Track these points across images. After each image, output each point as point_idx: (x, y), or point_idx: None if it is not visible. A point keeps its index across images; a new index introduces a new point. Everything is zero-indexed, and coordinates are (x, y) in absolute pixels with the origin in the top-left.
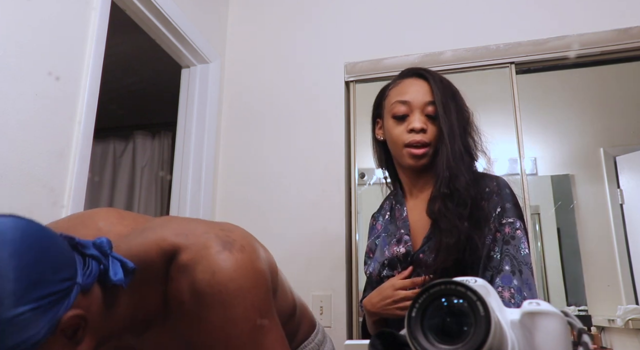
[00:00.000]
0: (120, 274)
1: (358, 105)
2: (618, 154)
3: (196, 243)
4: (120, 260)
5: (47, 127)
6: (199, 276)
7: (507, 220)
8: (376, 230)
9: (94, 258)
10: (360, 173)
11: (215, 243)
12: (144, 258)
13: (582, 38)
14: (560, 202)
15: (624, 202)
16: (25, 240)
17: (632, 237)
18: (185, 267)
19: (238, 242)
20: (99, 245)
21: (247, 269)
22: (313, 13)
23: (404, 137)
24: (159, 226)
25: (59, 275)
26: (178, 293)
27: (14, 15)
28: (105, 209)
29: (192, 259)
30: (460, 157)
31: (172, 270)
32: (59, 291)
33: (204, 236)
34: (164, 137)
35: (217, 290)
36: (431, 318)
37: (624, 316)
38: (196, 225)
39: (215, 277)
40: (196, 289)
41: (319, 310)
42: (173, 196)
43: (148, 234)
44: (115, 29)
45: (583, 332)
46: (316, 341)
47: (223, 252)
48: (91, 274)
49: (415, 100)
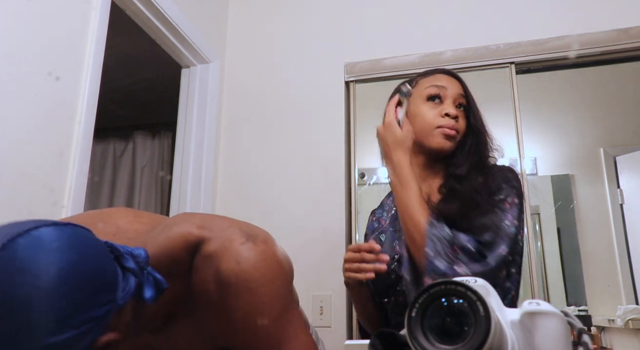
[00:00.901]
0: (151, 293)
1: (358, 105)
2: (618, 154)
3: (220, 235)
4: (155, 277)
5: (47, 127)
6: (223, 266)
7: (499, 197)
8: (380, 225)
9: (132, 273)
10: (360, 173)
11: (239, 235)
12: (171, 252)
13: (582, 38)
14: (560, 202)
15: (624, 202)
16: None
17: (632, 237)
18: (209, 257)
19: (261, 236)
20: (137, 257)
21: (270, 260)
22: (313, 13)
23: (437, 120)
24: (182, 221)
25: (102, 298)
26: (203, 283)
27: (14, 15)
28: (121, 208)
29: (217, 250)
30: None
31: (197, 261)
32: (100, 316)
33: (228, 230)
34: (164, 137)
35: (242, 279)
36: (431, 318)
37: (624, 316)
38: (220, 220)
39: (240, 266)
40: (221, 278)
41: (319, 310)
42: (173, 196)
43: (173, 228)
44: (115, 29)
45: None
46: None
47: (247, 243)
48: (128, 292)
49: (450, 90)
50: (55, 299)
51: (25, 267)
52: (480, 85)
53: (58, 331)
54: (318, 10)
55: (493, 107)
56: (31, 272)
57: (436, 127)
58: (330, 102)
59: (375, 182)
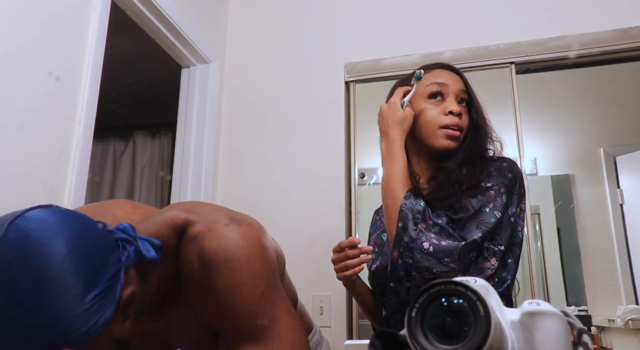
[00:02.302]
0: (152, 252)
1: (358, 105)
2: (618, 154)
3: (206, 218)
4: (146, 239)
5: (47, 127)
6: (206, 245)
7: (486, 185)
8: (382, 224)
9: (125, 241)
10: (360, 173)
11: (223, 218)
12: (160, 236)
13: (582, 38)
14: (560, 202)
15: (624, 202)
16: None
17: (632, 237)
18: (194, 238)
19: (246, 220)
20: (123, 229)
21: (253, 240)
22: (313, 13)
23: (440, 118)
24: (172, 207)
25: (112, 257)
26: (188, 264)
27: (14, 15)
28: (119, 200)
29: (201, 231)
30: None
31: (183, 243)
32: (115, 273)
33: (214, 213)
34: (164, 137)
35: (222, 257)
36: (431, 318)
37: (624, 316)
38: (208, 206)
39: (222, 245)
40: (204, 256)
41: (319, 310)
42: (173, 196)
43: (162, 215)
44: (115, 29)
45: (583, 332)
46: (314, 341)
47: (231, 225)
48: (129, 255)
49: (452, 86)
50: (77, 262)
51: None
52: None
53: (85, 293)
54: (318, 10)
55: (493, 107)
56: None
57: (440, 127)
58: (330, 102)
59: (375, 182)
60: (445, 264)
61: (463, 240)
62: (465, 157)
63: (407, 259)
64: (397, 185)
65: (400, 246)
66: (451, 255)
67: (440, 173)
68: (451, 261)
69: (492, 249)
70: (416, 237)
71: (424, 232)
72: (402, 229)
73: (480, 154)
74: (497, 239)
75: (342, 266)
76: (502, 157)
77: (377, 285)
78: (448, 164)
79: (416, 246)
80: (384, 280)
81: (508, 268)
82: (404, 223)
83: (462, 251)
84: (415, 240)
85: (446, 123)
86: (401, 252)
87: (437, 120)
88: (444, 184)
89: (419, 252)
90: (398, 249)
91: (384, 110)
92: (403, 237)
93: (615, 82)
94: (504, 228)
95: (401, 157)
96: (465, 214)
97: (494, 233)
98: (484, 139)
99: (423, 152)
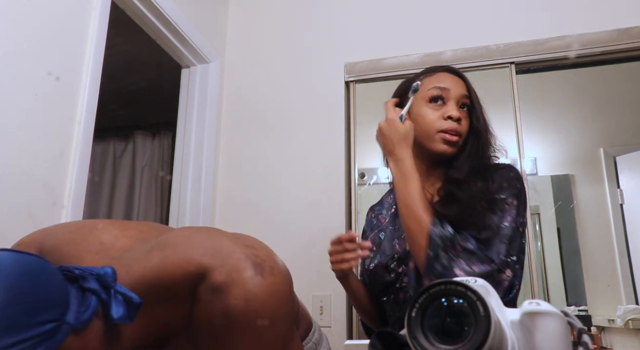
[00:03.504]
0: (122, 312)
1: (358, 105)
2: (618, 154)
3: (226, 264)
4: (123, 294)
5: (47, 127)
6: (232, 302)
7: (499, 197)
8: (380, 223)
9: (93, 293)
10: (360, 173)
11: (246, 265)
12: (165, 278)
13: (582, 38)
14: (560, 202)
15: (624, 202)
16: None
17: (632, 237)
18: (217, 290)
19: (267, 262)
20: (103, 276)
21: (279, 295)
22: (313, 13)
23: (438, 123)
24: (179, 243)
25: (39, 317)
26: (208, 316)
27: (14, 15)
28: (106, 221)
29: (224, 283)
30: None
31: (201, 292)
32: (39, 335)
33: (232, 256)
34: (164, 137)
35: (251, 317)
36: (431, 318)
37: (624, 316)
38: (220, 242)
39: (249, 304)
40: (230, 315)
41: (319, 310)
42: (173, 196)
43: (169, 253)
44: (115, 29)
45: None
46: (314, 340)
47: (255, 277)
48: (87, 310)
49: (453, 91)
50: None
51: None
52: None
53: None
54: (318, 10)
55: (493, 107)
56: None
57: (438, 131)
58: (330, 102)
59: (375, 182)
60: None
61: (490, 261)
62: (472, 166)
63: None
64: (418, 209)
65: (433, 275)
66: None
67: (452, 186)
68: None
69: (506, 261)
70: (449, 265)
71: (455, 259)
72: (434, 258)
73: (486, 162)
74: (511, 250)
75: (339, 258)
76: (507, 165)
77: (375, 284)
78: (455, 173)
79: (450, 275)
80: (381, 279)
81: (516, 274)
82: (435, 252)
83: (497, 274)
84: (449, 269)
85: (444, 128)
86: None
87: (436, 124)
88: (462, 200)
89: None
90: (429, 278)
91: (384, 128)
92: (435, 266)
93: (615, 82)
94: (515, 239)
95: (415, 176)
96: (490, 233)
97: (510, 247)
98: (486, 146)
99: (420, 156)
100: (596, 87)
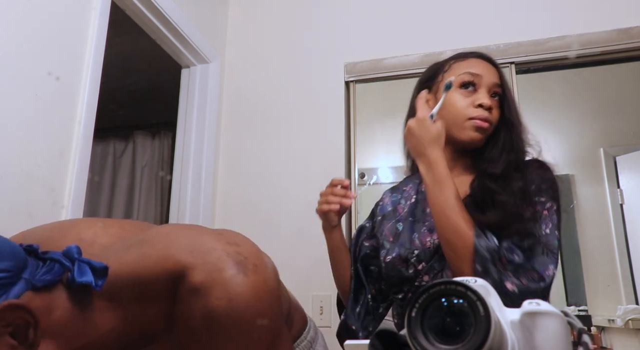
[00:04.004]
0: (88, 276)
1: (358, 105)
2: (618, 154)
3: (206, 263)
4: (88, 262)
5: (47, 127)
6: (214, 303)
7: (538, 199)
8: (397, 213)
9: (55, 261)
10: (360, 173)
11: (227, 264)
12: (143, 275)
13: (582, 38)
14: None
15: (624, 202)
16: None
17: (632, 237)
18: (197, 291)
19: (250, 260)
20: (67, 251)
21: (263, 294)
22: (313, 13)
23: (469, 110)
24: (158, 240)
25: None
26: (189, 318)
27: (14, 15)
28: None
29: (205, 282)
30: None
31: (182, 292)
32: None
33: (213, 254)
34: (164, 137)
35: (234, 318)
36: (431, 318)
37: (624, 316)
38: (201, 239)
39: (232, 304)
40: (212, 316)
41: (319, 310)
42: (173, 196)
43: (147, 250)
44: (115, 29)
45: (583, 332)
46: (308, 338)
47: (238, 276)
48: (49, 272)
49: (486, 78)
50: None
51: None
52: None
53: None
54: (318, 10)
55: None
56: None
57: (468, 119)
58: (330, 102)
59: (375, 182)
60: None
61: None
62: (508, 160)
63: None
64: (458, 219)
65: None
66: (537, 294)
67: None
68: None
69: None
70: (499, 279)
71: (503, 273)
72: (483, 273)
73: (521, 157)
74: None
75: (324, 200)
76: (542, 163)
77: (391, 279)
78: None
79: (501, 289)
80: (399, 274)
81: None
82: (484, 266)
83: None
84: (499, 283)
85: (474, 116)
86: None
87: (466, 111)
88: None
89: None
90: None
91: (414, 129)
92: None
93: (615, 82)
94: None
95: (449, 181)
96: (532, 241)
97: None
98: (519, 138)
99: (448, 145)
100: (596, 87)
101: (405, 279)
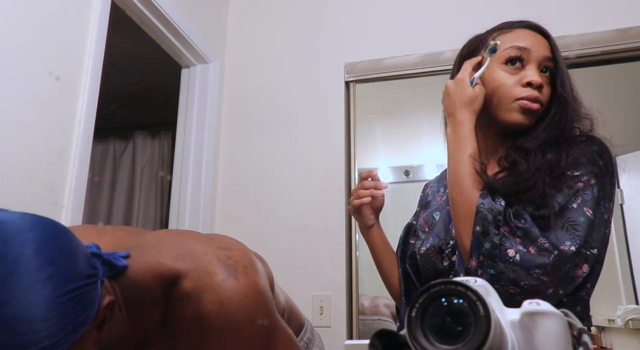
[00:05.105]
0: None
1: (358, 105)
2: (618, 154)
3: (197, 268)
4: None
5: (47, 127)
6: (207, 307)
7: (572, 172)
8: (436, 201)
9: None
10: (360, 173)
11: (218, 268)
12: (139, 280)
13: (582, 38)
14: None
15: (624, 202)
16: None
17: (632, 237)
18: (188, 296)
19: (240, 263)
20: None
21: (253, 294)
22: (313, 13)
23: (516, 90)
24: (152, 246)
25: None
26: (182, 321)
27: (14, 15)
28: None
29: (196, 288)
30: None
31: (174, 297)
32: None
33: (204, 259)
34: (164, 137)
35: (226, 321)
36: (431, 318)
37: (624, 316)
38: (192, 244)
39: (223, 308)
40: (204, 320)
41: (319, 310)
42: (173, 196)
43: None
44: (115, 29)
45: (583, 332)
46: (305, 340)
47: (228, 280)
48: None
49: (535, 52)
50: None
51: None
52: None
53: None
54: (318, 11)
55: None
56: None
57: (515, 99)
58: (330, 102)
59: None
60: (536, 277)
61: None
62: (547, 137)
63: (488, 269)
64: (466, 177)
65: (480, 254)
66: (543, 267)
67: (517, 154)
68: (543, 273)
69: (585, 253)
70: (499, 242)
71: (508, 237)
72: (481, 233)
73: (565, 134)
74: (590, 241)
75: (354, 196)
76: (590, 136)
77: (426, 271)
78: (526, 142)
79: (500, 254)
80: (433, 266)
81: (593, 271)
82: (484, 227)
83: (556, 263)
84: (499, 247)
85: (523, 96)
86: (481, 261)
87: (513, 92)
88: (522, 172)
89: (503, 261)
90: (477, 257)
91: (451, 89)
92: (483, 244)
93: (615, 82)
94: (596, 227)
95: (470, 142)
96: (549, 211)
97: (588, 236)
98: (570, 116)
99: (491, 127)
100: (596, 87)
101: (439, 272)
